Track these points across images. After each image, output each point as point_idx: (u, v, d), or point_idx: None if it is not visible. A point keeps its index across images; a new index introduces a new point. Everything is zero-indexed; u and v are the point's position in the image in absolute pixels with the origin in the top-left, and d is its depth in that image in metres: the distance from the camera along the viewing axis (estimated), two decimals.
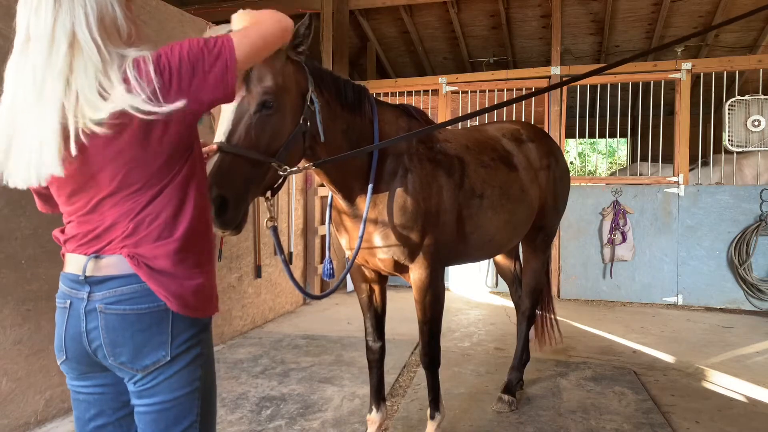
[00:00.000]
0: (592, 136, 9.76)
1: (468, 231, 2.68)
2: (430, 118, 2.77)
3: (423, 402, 3.17)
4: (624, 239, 6.25)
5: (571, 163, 16.02)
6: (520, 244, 3.46)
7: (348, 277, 2.48)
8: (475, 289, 6.93)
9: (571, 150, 16.59)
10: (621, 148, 15.81)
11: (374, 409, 2.81)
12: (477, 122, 6.21)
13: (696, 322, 5.45)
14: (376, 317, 2.80)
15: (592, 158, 16.44)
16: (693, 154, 6.52)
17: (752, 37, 8.30)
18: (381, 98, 2.98)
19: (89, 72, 1.16)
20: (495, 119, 7.75)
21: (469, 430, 2.98)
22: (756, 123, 6.13)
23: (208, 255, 1.37)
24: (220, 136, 1.78)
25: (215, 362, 1.45)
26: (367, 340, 2.81)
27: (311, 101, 2.02)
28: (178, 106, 1.19)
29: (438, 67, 10.00)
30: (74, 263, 1.29)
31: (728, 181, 6.57)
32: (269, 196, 1.99)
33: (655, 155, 8.07)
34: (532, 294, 3.42)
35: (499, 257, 3.72)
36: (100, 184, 1.23)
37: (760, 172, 6.50)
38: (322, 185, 6.38)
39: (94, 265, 1.26)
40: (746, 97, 6.21)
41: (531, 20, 8.33)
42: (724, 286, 6.03)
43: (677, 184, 6.21)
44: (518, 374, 3.39)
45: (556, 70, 6.70)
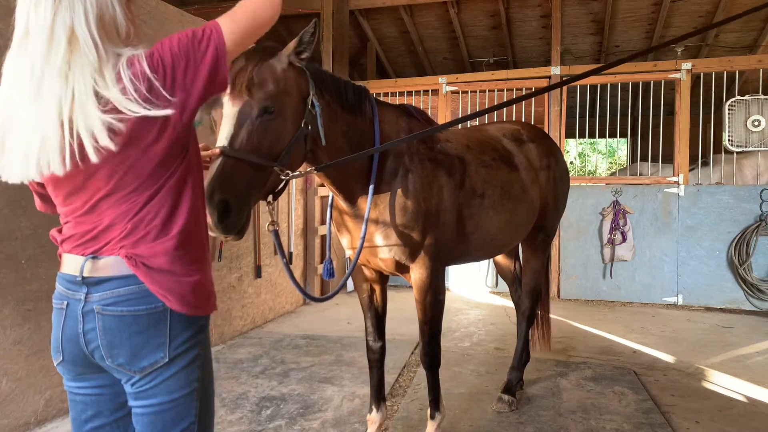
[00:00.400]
0: (592, 136, 9.76)
1: (469, 231, 2.69)
2: (430, 117, 2.77)
3: (423, 402, 3.17)
4: (624, 239, 6.25)
5: (571, 163, 16.02)
6: (519, 244, 3.46)
7: (349, 277, 2.49)
8: (475, 289, 6.93)
9: (571, 150, 16.59)
10: (621, 148, 15.82)
11: (374, 409, 2.81)
12: (477, 122, 6.20)
13: (696, 322, 5.45)
14: (377, 317, 2.80)
15: (592, 158, 16.44)
16: (693, 154, 6.52)
17: (752, 37, 8.30)
18: (381, 98, 2.98)
19: (86, 71, 1.15)
20: (495, 119, 7.75)
21: (469, 430, 2.98)
22: (756, 123, 6.13)
23: (204, 253, 1.37)
24: (223, 140, 1.77)
25: (215, 362, 1.45)
26: (367, 340, 2.82)
27: (312, 105, 2.02)
28: (172, 109, 1.19)
29: (438, 67, 10.00)
30: (71, 264, 1.28)
31: (728, 181, 6.57)
32: (271, 199, 1.99)
33: (655, 155, 8.08)
34: (532, 294, 3.42)
35: (499, 257, 3.73)
36: (98, 184, 1.22)
37: (760, 172, 6.50)
38: (322, 185, 6.38)
39: (92, 265, 1.25)
40: (746, 97, 6.21)
41: (531, 20, 8.33)
42: (724, 286, 6.03)
43: (677, 184, 6.21)
44: (518, 374, 3.39)
45: (556, 70, 6.70)
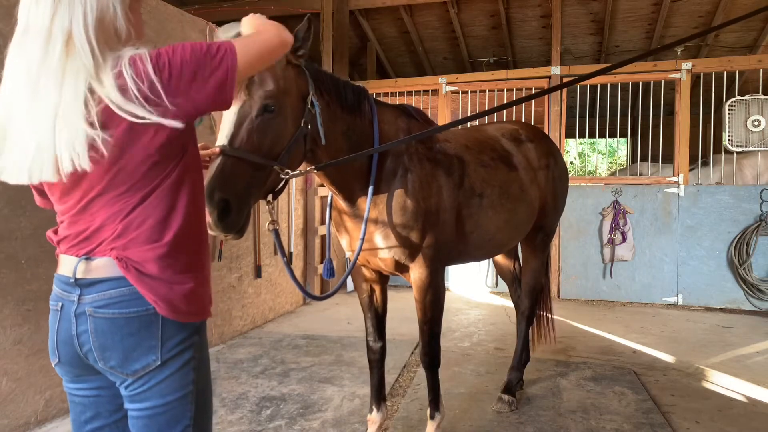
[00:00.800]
0: (592, 136, 9.76)
1: (468, 230, 2.69)
2: (429, 117, 2.77)
3: (423, 402, 3.17)
4: (624, 239, 6.25)
5: (571, 163, 16.03)
6: (519, 244, 3.46)
7: (349, 277, 2.49)
8: (475, 289, 6.93)
9: (572, 150, 16.60)
10: (621, 148, 15.81)
11: (375, 409, 2.81)
12: (477, 122, 6.20)
13: (696, 322, 5.45)
14: (377, 317, 2.80)
15: (592, 158, 16.44)
16: (693, 154, 6.52)
17: (752, 37, 8.30)
18: (381, 98, 2.98)
19: (80, 76, 1.13)
20: (495, 119, 7.75)
21: (469, 430, 2.98)
22: (756, 123, 6.13)
23: (199, 260, 1.35)
24: (222, 139, 1.78)
25: (215, 362, 1.45)
26: (367, 340, 2.82)
27: (312, 104, 2.03)
28: (170, 117, 1.18)
29: (438, 67, 10.00)
30: (66, 265, 1.28)
31: (728, 181, 6.57)
32: (271, 199, 2.00)
33: (655, 155, 8.08)
34: (532, 293, 3.43)
35: (499, 257, 3.73)
36: (91, 183, 1.21)
37: (760, 172, 6.50)
38: (322, 185, 6.38)
39: (85, 267, 1.24)
40: (746, 97, 6.21)
41: (531, 20, 8.33)
42: (724, 286, 6.03)
43: (677, 184, 6.21)
44: (518, 374, 3.39)
45: (556, 70, 6.70)
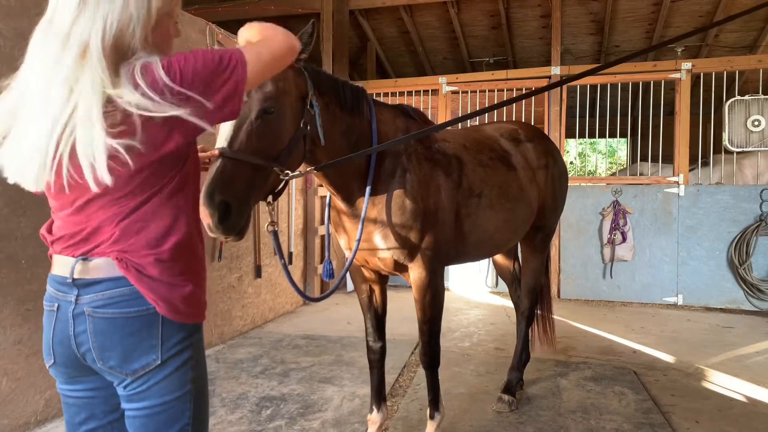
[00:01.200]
0: (592, 136, 9.77)
1: (467, 230, 2.69)
2: (427, 117, 2.78)
3: (423, 402, 3.17)
4: (624, 239, 6.25)
5: (571, 163, 16.03)
6: (518, 244, 3.47)
7: (348, 277, 2.48)
8: (475, 289, 6.93)
9: (571, 150, 16.59)
10: (621, 148, 15.81)
11: (375, 409, 2.81)
12: (477, 122, 6.20)
13: (696, 322, 5.45)
14: (377, 317, 2.80)
15: (592, 158, 16.44)
16: (693, 154, 6.52)
17: (752, 37, 8.30)
18: (381, 98, 2.98)
19: (96, 88, 1.12)
20: (495, 119, 7.76)
21: (469, 430, 2.98)
22: (756, 123, 6.13)
23: (198, 263, 1.35)
24: (222, 141, 1.78)
25: (215, 362, 1.45)
26: (367, 340, 2.82)
27: (311, 105, 2.03)
28: (180, 111, 1.16)
29: (438, 67, 10.00)
30: (62, 265, 1.27)
31: (728, 181, 6.57)
32: (271, 200, 2.00)
33: (655, 155, 8.07)
34: (531, 293, 3.43)
35: (498, 257, 3.73)
36: (86, 184, 1.18)
37: (760, 172, 6.50)
38: (322, 185, 6.38)
39: (83, 267, 1.23)
40: (746, 97, 6.21)
41: (531, 20, 8.33)
42: (724, 286, 6.03)
43: (677, 184, 6.21)
44: (518, 374, 3.39)
45: (556, 70, 6.70)
